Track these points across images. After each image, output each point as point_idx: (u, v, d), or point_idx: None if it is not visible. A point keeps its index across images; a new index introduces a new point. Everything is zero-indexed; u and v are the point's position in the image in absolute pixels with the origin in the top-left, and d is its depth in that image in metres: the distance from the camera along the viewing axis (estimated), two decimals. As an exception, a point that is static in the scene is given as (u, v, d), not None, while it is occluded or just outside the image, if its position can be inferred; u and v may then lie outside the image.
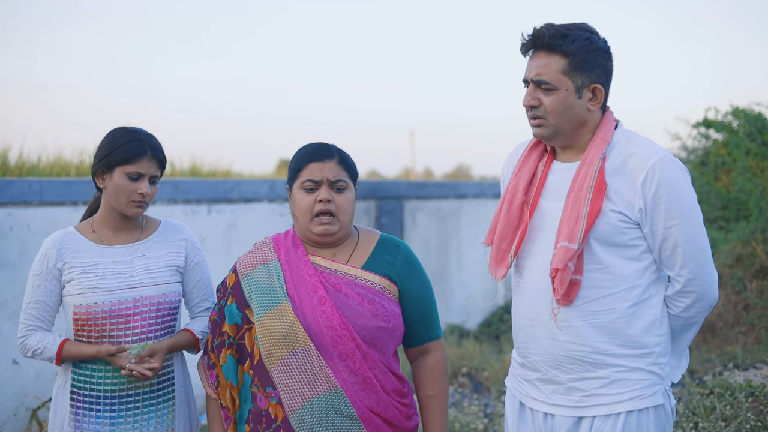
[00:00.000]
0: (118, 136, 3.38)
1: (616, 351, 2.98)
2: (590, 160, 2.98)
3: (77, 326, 3.35)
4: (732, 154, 9.47)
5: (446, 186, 11.73)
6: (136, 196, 3.35)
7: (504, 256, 3.13)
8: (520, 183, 3.13)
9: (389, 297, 3.17)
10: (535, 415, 3.14)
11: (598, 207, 2.92)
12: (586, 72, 3.00)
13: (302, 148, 3.26)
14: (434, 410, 3.25)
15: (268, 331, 3.11)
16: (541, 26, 3.01)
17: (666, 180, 2.92)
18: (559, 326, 3.00)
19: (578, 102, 3.01)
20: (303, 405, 3.07)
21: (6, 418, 6.51)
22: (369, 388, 3.10)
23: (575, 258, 2.92)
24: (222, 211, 8.36)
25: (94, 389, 3.35)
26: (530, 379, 3.15)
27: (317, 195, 3.16)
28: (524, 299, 3.13)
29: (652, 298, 3.02)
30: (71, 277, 3.35)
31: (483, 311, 11.38)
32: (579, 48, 2.97)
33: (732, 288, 8.27)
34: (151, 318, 3.38)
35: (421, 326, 3.25)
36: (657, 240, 2.96)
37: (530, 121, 3.07)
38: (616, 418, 2.98)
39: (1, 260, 6.54)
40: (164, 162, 3.45)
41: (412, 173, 24.33)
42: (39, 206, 6.86)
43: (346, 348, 3.07)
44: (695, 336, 3.14)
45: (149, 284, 3.40)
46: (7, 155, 8.31)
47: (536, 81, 3.00)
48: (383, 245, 3.28)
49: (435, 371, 3.27)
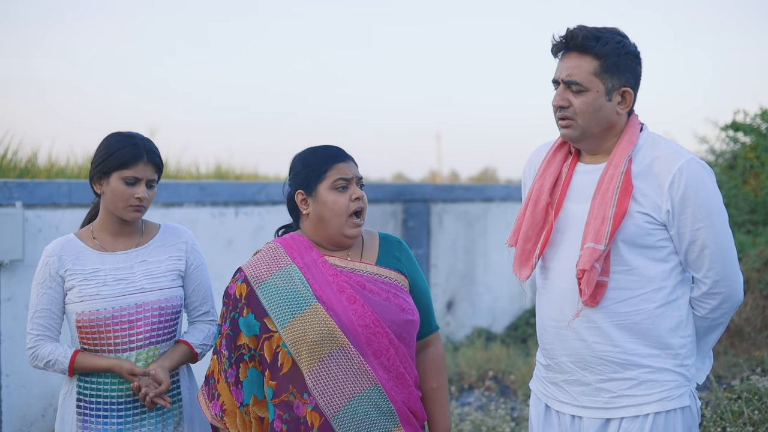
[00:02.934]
0: (114, 141, 3.37)
1: (644, 351, 2.98)
2: (617, 162, 2.98)
3: (82, 333, 3.36)
4: (760, 157, 9.40)
5: (473, 189, 11.72)
6: (133, 201, 3.35)
7: (529, 257, 3.13)
8: (544, 184, 3.13)
9: (406, 290, 3.21)
10: (562, 418, 3.13)
11: (624, 208, 2.91)
12: (617, 75, 3.00)
13: (316, 151, 3.25)
14: (439, 401, 3.31)
15: (302, 334, 3.04)
16: (574, 27, 3.01)
17: (693, 182, 2.93)
18: (585, 327, 3.01)
19: (608, 104, 3.01)
20: (345, 405, 3.05)
21: (34, 419, 6.56)
22: (402, 384, 3.12)
23: (602, 259, 2.92)
24: (249, 214, 8.39)
25: (101, 395, 3.36)
26: (556, 381, 3.14)
27: (350, 193, 3.17)
28: (550, 300, 3.13)
29: (678, 300, 3.02)
30: (73, 284, 3.35)
31: (509, 314, 11.36)
32: (611, 51, 2.97)
33: (760, 292, 8.21)
34: (154, 323, 3.39)
35: (425, 319, 3.29)
36: (684, 242, 2.96)
37: (558, 122, 3.07)
38: (644, 420, 2.98)
39: (30, 262, 6.60)
40: (161, 166, 3.44)
41: (439, 176, 24.34)
42: (68, 208, 6.91)
43: (380, 345, 3.08)
44: (720, 339, 3.13)
45: (151, 289, 3.40)
46: (36, 157, 8.39)
47: (567, 81, 3.00)
48: (386, 242, 3.31)
49: (437, 363, 3.33)
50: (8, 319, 6.47)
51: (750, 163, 9.57)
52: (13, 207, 6.54)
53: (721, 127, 9.99)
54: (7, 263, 6.46)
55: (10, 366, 6.48)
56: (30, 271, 6.59)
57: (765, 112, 9.62)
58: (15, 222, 6.48)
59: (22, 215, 6.52)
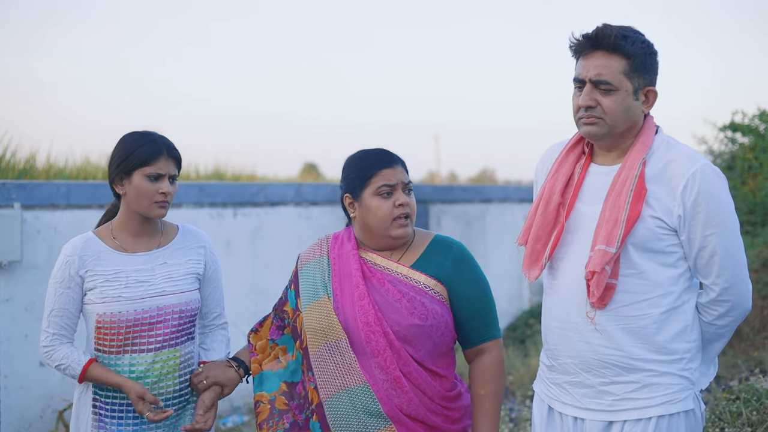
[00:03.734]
0: (132, 140, 3.37)
1: (647, 356, 2.97)
2: (631, 164, 2.97)
3: (99, 335, 3.34)
4: (759, 158, 9.39)
5: (471, 190, 11.72)
6: (158, 197, 3.34)
7: (539, 257, 3.11)
8: (556, 184, 3.11)
9: (433, 296, 3.20)
10: (564, 420, 3.13)
11: (637, 211, 2.91)
12: (644, 74, 2.99)
13: (364, 156, 3.29)
14: (485, 408, 3.24)
15: (310, 320, 3.24)
16: (602, 26, 2.98)
17: (706, 188, 2.91)
18: (590, 329, 3.00)
19: (635, 104, 3.00)
20: (334, 395, 3.16)
21: (33, 420, 6.56)
22: (398, 388, 3.13)
23: (612, 262, 2.91)
24: (248, 215, 8.39)
25: (117, 397, 3.34)
26: (560, 382, 3.14)
27: (395, 199, 3.21)
28: (557, 301, 3.12)
29: (684, 305, 3.01)
30: (94, 284, 3.34)
31: (508, 315, 11.36)
32: (639, 50, 2.96)
33: (758, 293, 8.20)
34: (173, 326, 3.39)
35: (477, 326, 3.27)
36: (694, 248, 2.95)
37: (581, 120, 3.02)
38: (647, 423, 2.97)
39: (28, 263, 6.60)
40: (180, 160, 3.44)
41: (437, 177, 24.35)
42: (66, 209, 6.91)
43: (378, 345, 3.11)
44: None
45: (172, 292, 3.40)
46: (35, 158, 8.39)
47: (596, 81, 2.97)
48: (435, 246, 3.30)
49: (489, 370, 3.27)
50: (7, 321, 6.47)
51: (748, 164, 9.56)
52: (12, 208, 6.54)
53: (720, 128, 9.99)
54: (6, 264, 6.46)
55: (9, 367, 6.48)
56: (29, 272, 6.59)
57: (763, 112, 9.61)
58: (13, 223, 6.48)
59: (20, 216, 6.52)
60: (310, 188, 9.19)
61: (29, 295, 6.57)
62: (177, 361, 3.40)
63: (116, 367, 3.33)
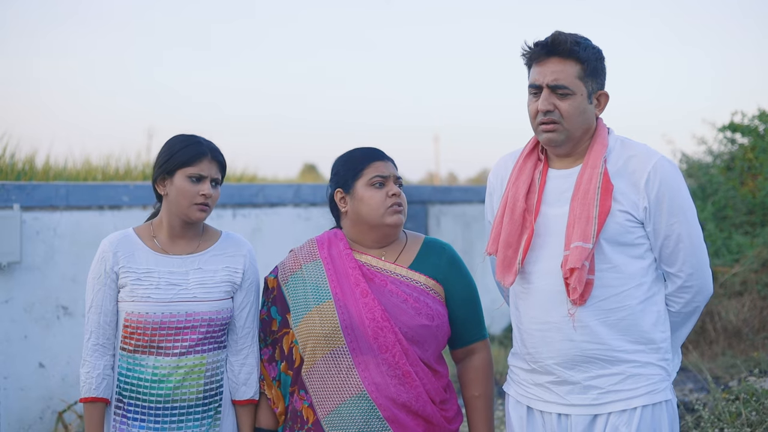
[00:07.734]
0: (176, 142, 3.34)
1: (629, 347, 3.05)
2: (593, 163, 3.07)
3: (126, 333, 3.29)
4: (759, 158, 9.40)
5: (471, 191, 11.73)
6: (198, 198, 3.28)
7: (511, 263, 3.17)
8: (519, 191, 3.17)
9: (434, 296, 3.24)
10: (547, 418, 3.16)
11: (607, 207, 3.00)
12: (596, 78, 3.11)
13: (355, 151, 3.33)
14: (480, 410, 3.30)
15: (312, 327, 3.20)
16: (556, 33, 3.08)
17: (666, 179, 3.05)
18: (575, 326, 3.04)
19: (589, 107, 3.11)
20: (332, 411, 3.16)
21: (32, 421, 6.56)
22: (408, 383, 3.14)
23: (590, 257, 2.99)
24: (247, 216, 8.39)
25: (140, 398, 3.29)
26: (540, 382, 3.16)
27: (387, 190, 3.24)
28: (533, 304, 3.16)
29: (656, 296, 3.11)
30: (125, 282, 3.29)
31: (507, 316, 11.35)
32: (591, 55, 3.08)
33: (758, 293, 8.22)
34: (201, 333, 3.30)
35: (468, 327, 3.32)
36: (660, 237, 3.06)
37: (540, 127, 3.11)
38: (632, 413, 3.04)
39: (27, 264, 6.60)
40: (224, 165, 3.39)
41: (437, 178, 24.38)
42: (65, 210, 6.91)
43: (387, 340, 3.12)
44: (718, 340, 3.16)
45: (203, 299, 3.31)
46: (34, 159, 8.39)
47: (553, 86, 3.05)
48: (428, 247, 3.35)
49: (481, 372, 3.33)
50: (6, 322, 6.47)
51: (748, 165, 9.58)
52: (11, 209, 6.54)
53: (719, 128, 10.00)
54: (5, 265, 6.46)
55: (8, 368, 6.47)
56: (28, 273, 6.59)
57: (763, 113, 9.62)
58: (12, 224, 6.48)
59: (19, 217, 6.52)
60: (309, 189, 9.18)
61: (28, 296, 6.57)
62: (203, 369, 3.31)
63: (140, 366, 3.28)
